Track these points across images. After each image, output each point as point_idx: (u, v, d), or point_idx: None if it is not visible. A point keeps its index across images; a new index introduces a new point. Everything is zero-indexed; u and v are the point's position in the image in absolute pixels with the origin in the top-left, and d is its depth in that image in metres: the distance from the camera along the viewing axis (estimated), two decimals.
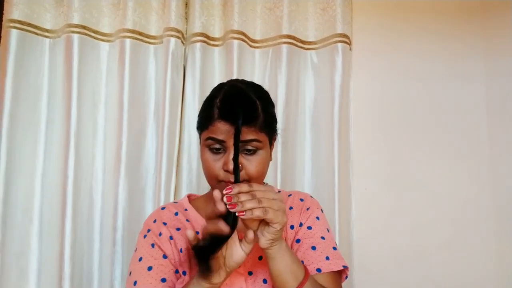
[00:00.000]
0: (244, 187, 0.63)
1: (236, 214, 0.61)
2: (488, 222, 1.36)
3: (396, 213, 1.39)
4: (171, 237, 0.81)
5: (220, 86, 0.81)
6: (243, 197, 0.62)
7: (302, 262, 0.75)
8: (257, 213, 0.61)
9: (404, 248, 1.37)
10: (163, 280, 0.76)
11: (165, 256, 0.79)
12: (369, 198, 1.40)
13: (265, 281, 0.75)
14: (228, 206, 0.61)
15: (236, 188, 0.62)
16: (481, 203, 1.37)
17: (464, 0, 1.44)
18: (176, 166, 1.38)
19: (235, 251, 0.67)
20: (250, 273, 0.76)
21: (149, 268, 0.77)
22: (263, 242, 0.66)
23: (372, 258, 1.36)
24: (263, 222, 0.66)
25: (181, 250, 0.80)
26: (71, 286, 1.27)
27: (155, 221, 0.84)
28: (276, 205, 0.63)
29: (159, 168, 1.33)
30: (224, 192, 0.62)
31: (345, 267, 0.79)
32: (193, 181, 1.38)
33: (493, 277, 1.33)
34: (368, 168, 1.42)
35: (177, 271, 0.79)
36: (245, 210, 0.61)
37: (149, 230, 0.83)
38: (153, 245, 0.80)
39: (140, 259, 0.79)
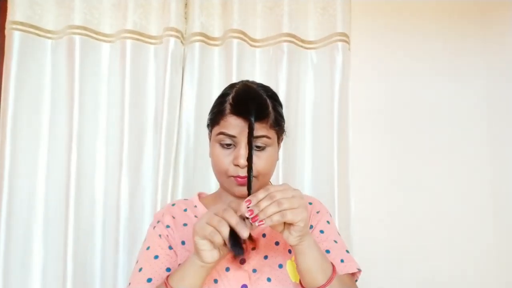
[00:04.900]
0: (261, 194, 0.62)
1: (256, 224, 0.61)
2: (488, 221, 1.36)
3: (395, 213, 1.39)
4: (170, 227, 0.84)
5: (232, 85, 0.83)
6: (263, 204, 0.61)
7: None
8: (276, 218, 0.61)
9: (404, 247, 1.37)
10: (168, 269, 0.78)
11: (170, 247, 0.81)
12: (369, 198, 1.40)
13: (269, 279, 0.75)
14: (251, 221, 0.61)
15: (254, 199, 0.62)
16: (480, 202, 1.37)
17: (464, 0, 1.43)
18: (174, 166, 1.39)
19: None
20: (254, 271, 0.77)
21: (156, 257, 0.80)
22: (292, 240, 0.66)
23: (372, 257, 1.35)
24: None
25: (183, 243, 0.82)
26: (73, 284, 1.30)
27: (164, 214, 0.87)
28: (296, 203, 0.62)
29: (157, 168, 1.34)
30: (244, 207, 0.62)
31: (359, 270, 0.81)
32: (190, 181, 1.39)
33: (493, 276, 1.33)
34: (367, 168, 1.41)
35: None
36: (265, 219, 0.60)
37: (158, 222, 0.86)
38: (160, 236, 0.83)
39: (148, 248, 0.82)
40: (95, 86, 1.41)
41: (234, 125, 0.75)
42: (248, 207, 0.62)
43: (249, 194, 0.67)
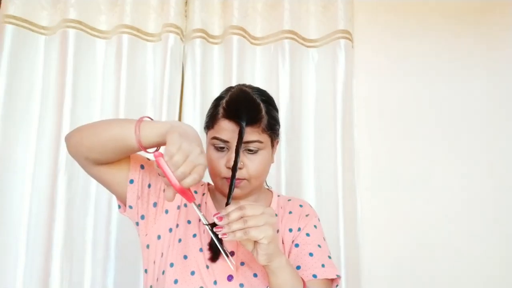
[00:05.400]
0: (231, 207, 0.65)
1: (219, 235, 0.64)
2: (491, 221, 1.34)
3: (400, 213, 1.36)
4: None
5: (228, 88, 0.86)
6: (232, 215, 0.64)
7: (298, 267, 0.79)
8: (239, 235, 0.63)
9: (409, 247, 1.34)
10: (131, 182, 0.79)
11: (149, 185, 0.81)
12: (373, 198, 1.36)
13: (255, 275, 0.77)
14: (216, 231, 0.65)
15: (224, 211, 0.65)
16: (483, 202, 1.35)
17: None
18: None
19: None
20: (242, 264, 0.78)
21: (142, 167, 0.81)
22: (260, 259, 0.67)
23: (377, 257, 1.33)
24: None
25: (170, 230, 0.81)
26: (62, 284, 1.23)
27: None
28: (262, 220, 0.64)
29: None
30: (214, 218, 0.65)
31: (338, 276, 0.82)
32: None
33: (495, 275, 1.31)
34: (370, 167, 1.38)
35: (155, 204, 0.81)
36: (228, 233, 0.63)
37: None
38: (142, 167, 0.81)
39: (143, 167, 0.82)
40: (88, 83, 1.36)
41: (226, 129, 0.77)
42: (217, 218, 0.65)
43: (227, 203, 0.71)
